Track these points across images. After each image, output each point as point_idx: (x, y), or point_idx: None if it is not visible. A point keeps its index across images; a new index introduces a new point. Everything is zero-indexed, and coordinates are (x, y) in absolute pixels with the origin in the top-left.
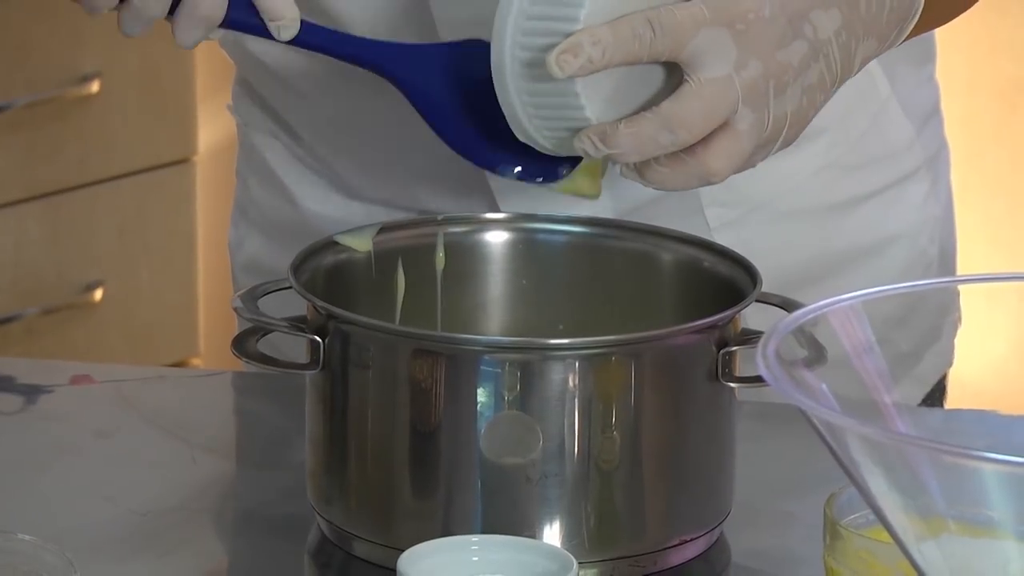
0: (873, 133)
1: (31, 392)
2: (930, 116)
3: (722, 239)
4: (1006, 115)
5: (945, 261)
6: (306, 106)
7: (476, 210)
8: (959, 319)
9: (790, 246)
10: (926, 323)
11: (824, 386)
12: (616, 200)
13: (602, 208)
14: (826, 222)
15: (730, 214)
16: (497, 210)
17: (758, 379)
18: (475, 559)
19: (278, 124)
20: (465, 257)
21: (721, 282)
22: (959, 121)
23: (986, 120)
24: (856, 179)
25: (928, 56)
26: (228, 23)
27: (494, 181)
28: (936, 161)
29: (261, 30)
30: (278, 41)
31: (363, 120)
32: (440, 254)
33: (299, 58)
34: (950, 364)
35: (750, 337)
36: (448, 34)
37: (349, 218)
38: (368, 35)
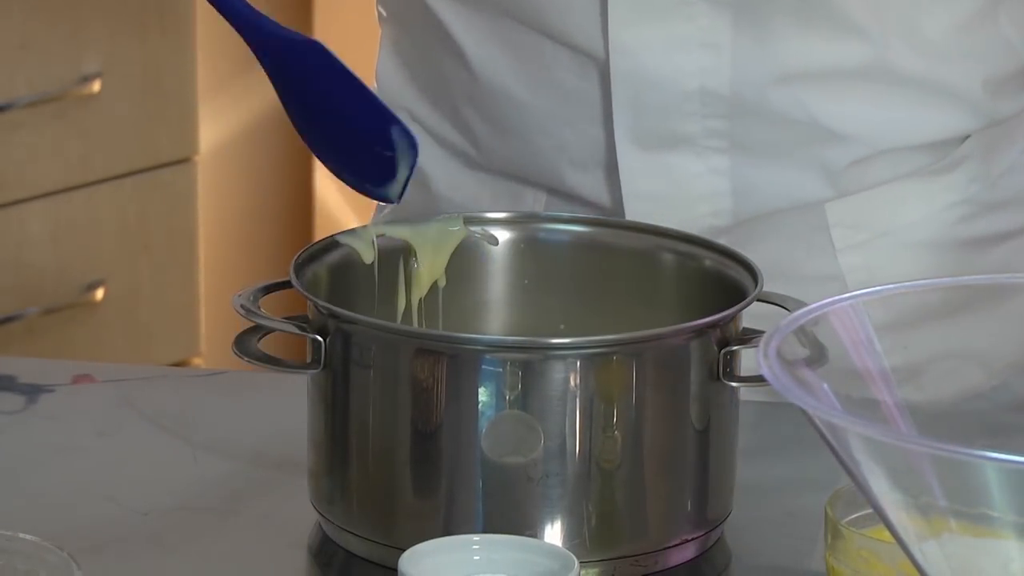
0: (1017, 172)
1: (32, 391)
2: None
3: (846, 261)
4: None
5: None
6: (465, 69)
7: (593, 187)
8: None
9: (914, 277)
10: None
11: (825, 386)
12: (736, 212)
13: (721, 216)
14: (956, 258)
15: (856, 236)
16: (616, 188)
17: (759, 379)
18: (476, 558)
19: (422, 98)
20: (466, 257)
21: (722, 281)
22: None
23: None
24: (992, 218)
25: None
26: None
27: (621, 155)
28: None
29: None
30: None
31: (522, 83)
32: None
33: (472, 19)
34: None
35: (751, 336)
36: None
37: (476, 199)
38: None
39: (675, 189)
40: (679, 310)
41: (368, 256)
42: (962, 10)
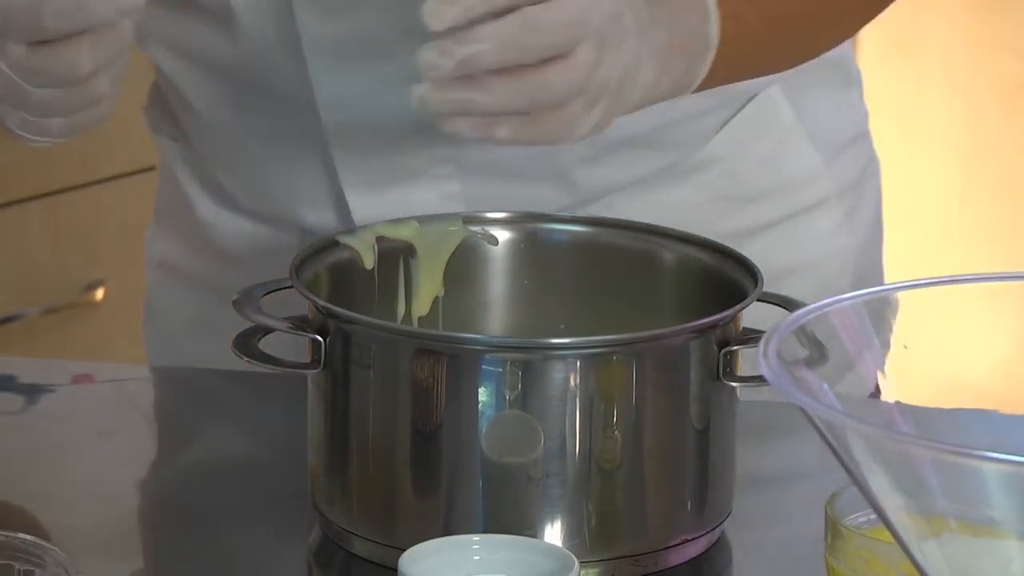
0: (770, 165)
1: (32, 391)
2: (849, 143)
3: None
4: (1008, 115)
5: None
6: (198, 117)
7: (330, 221)
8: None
9: None
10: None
11: (825, 385)
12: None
13: (555, 202)
14: None
15: None
16: (350, 223)
17: (759, 378)
18: (476, 558)
19: (178, 139)
20: (466, 257)
21: (722, 281)
22: (960, 121)
23: (988, 120)
24: (747, 211)
25: (849, 81)
26: None
27: (349, 195)
28: (855, 189)
29: None
30: None
31: (248, 133)
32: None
33: (193, 71)
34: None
35: (751, 336)
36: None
37: (236, 237)
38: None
39: None
40: (679, 310)
41: (368, 261)
42: None
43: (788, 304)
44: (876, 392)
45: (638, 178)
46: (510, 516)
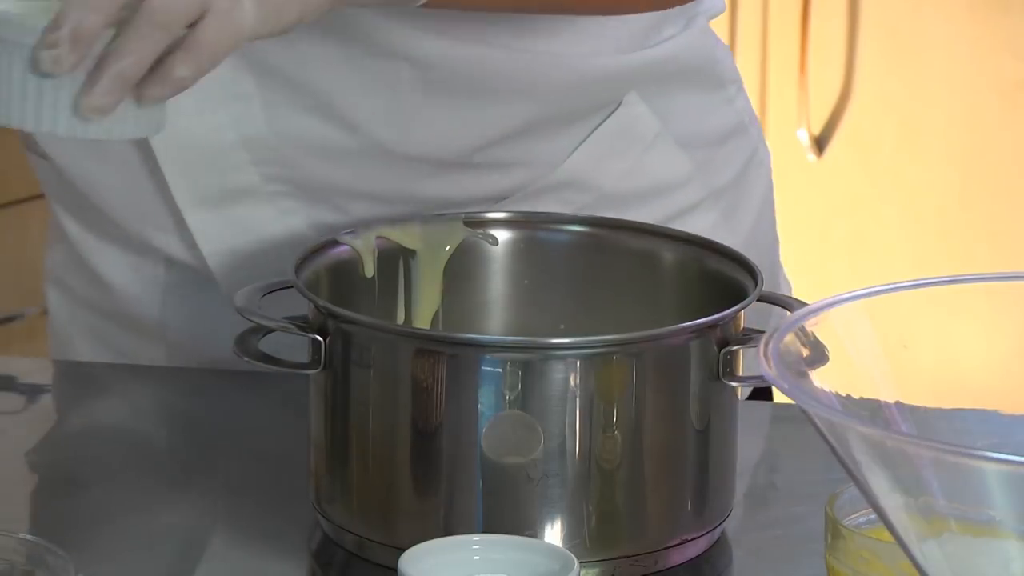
0: (635, 174)
1: (32, 391)
2: (722, 141)
3: None
4: (1007, 114)
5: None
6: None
7: (183, 248)
8: None
9: None
10: None
11: (826, 385)
12: None
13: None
14: None
15: None
16: (194, 245)
17: (760, 379)
18: (476, 558)
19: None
20: (466, 257)
21: (722, 281)
22: (960, 120)
23: (987, 119)
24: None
25: (720, 82)
26: None
27: (187, 215)
28: (735, 188)
29: None
30: None
31: (89, 168)
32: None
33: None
34: None
35: (751, 336)
36: None
37: (107, 266)
38: None
39: (253, 238)
40: (679, 310)
41: (369, 269)
42: None
43: (788, 304)
44: (876, 392)
45: (490, 196)
46: (510, 516)
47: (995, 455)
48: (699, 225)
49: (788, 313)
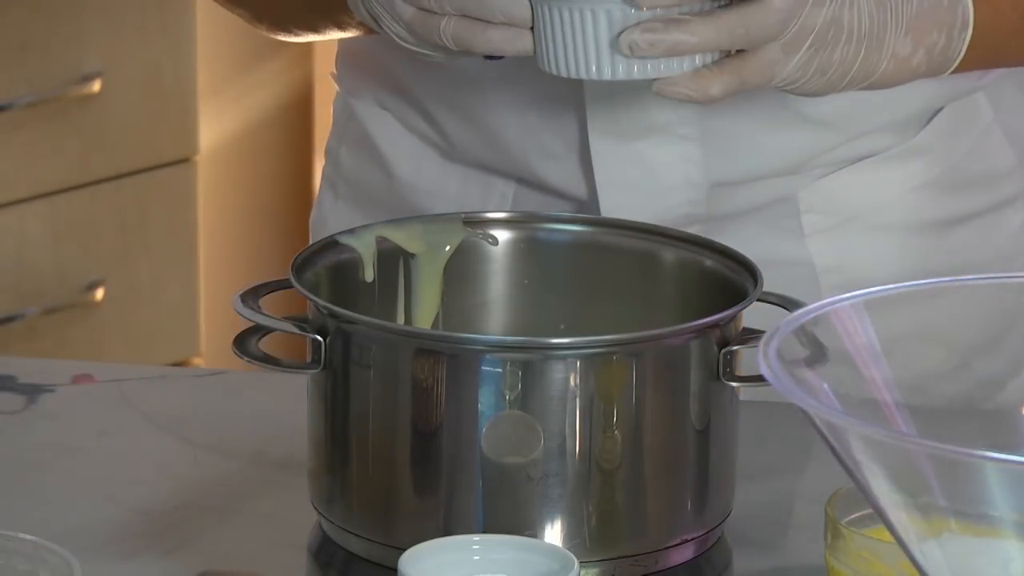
0: (975, 156)
1: (32, 391)
2: None
3: (815, 246)
4: None
5: None
6: (427, 68)
7: (566, 177)
8: None
9: (882, 260)
10: (1013, 351)
11: (826, 385)
12: (710, 200)
13: (696, 204)
14: (921, 240)
15: (825, 221)
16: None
17: (760, 378)
18: (476, 558)
19: (387, 89)
20: (466, 257)
21: (722, 281)
22: None
23: None
24: (954, 200)
25: None
26: None
27: (594, 145)
28: None
29: None
30: None
31: (482, 83)
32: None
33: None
34: None
35: (751, 336)
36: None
37: (442, 188)
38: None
39: (649, 178)
40: (679, 310)
41: (369, 273)
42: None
43: (788, 304)
44: (876, 392)
45: (862, 158)
46: (510, 516)
47: (995, 455)
48: (1016, 219)
49: (788, 313)
